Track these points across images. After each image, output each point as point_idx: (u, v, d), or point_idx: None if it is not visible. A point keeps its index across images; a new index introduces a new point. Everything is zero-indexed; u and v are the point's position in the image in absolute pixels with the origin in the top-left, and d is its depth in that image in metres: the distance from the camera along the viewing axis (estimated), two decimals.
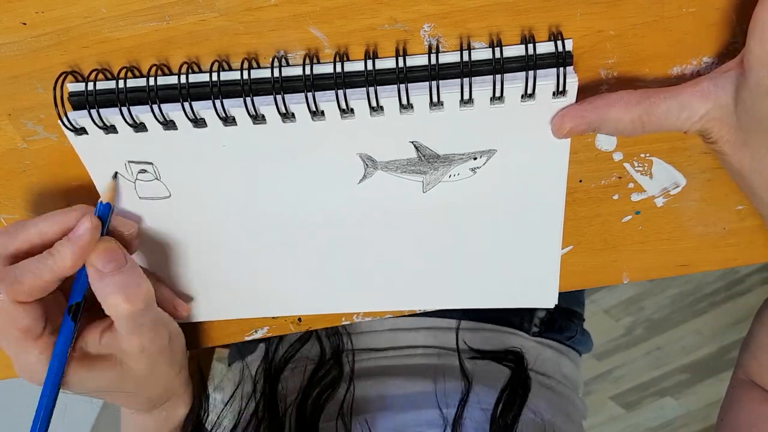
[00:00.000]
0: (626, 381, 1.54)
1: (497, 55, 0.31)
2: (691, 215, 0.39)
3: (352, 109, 0.32)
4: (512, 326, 0.54)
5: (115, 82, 0.33)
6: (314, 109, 0.32)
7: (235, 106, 0.32)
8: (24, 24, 0.32)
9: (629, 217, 0.39)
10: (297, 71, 0.32)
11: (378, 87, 0.32)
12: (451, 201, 0.37)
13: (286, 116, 0.33)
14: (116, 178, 0.36)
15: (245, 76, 0.32)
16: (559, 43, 0.31)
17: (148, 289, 0.35)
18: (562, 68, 0.31)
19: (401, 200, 0.37)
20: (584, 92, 0.33)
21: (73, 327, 0.35)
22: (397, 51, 0.32)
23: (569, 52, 0.31)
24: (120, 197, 0.38)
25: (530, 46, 0.31)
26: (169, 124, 0.33)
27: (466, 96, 0.31)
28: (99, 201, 0.35)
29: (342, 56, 0.32)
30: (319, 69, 0.32)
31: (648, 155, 0.37)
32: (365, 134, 0.34)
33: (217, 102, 0.32)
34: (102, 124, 0.33)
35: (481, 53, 0.32)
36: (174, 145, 0.34)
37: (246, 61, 0.33)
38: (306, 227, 0.39)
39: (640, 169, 0.37)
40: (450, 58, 0.32)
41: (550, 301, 0.42)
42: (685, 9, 0.31)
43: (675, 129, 0.31)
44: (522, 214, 0.37)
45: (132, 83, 0.33)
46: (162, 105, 0.32)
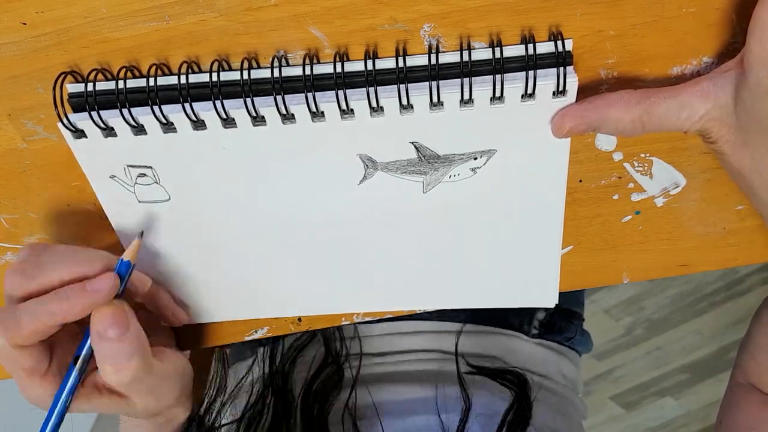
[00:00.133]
0: (626, 381, 1.53)
1: (497, 55, 0.31)
2: (691, 215, 0.39)
3: (352, 110, 0.32)
4: (512, 328, 0.54)
5: (114, 82, 0.33)
6: (314, 109, 0.32)
7: (234, 107, 0.32)
8: (24, 24, 0.32)
9: (629, 217, 0.39)
10: (297, 71, 0.32)
11: (378, 87, 0.32)
12: (452, 201, 0.37)
13: (286, 117, 0.33)
14: (141, 237, 0.36)
15: (245, 77, 0.32)
16: (559, 43, 0.31)
17: (138, 366, 0.33)
18: (562, 68, 0.31)
19: (401, 201, 0.37)
20: (584, 92, 0.33)
21: (77, 379, 0.34)
22: (397, 51, 0.32)
23: (569, 52, 0.31)
24: (119, 204, 0.37)
25: (530, 46, 0.31)
26: (168, 126, 0.33)
27: (466, 96, 0.31)
28: (120, 258, 0.35)
29: (342, 56, 0.32)
30: (319, 69, 0.32)
31: (648, 155, 0.37)
32: (365, 135, 0.34)
33: (218, 103, 0.32)
34: (101, 126, 0.33)
35: (481, 53, 0.32)
36: (173, 147, 0.34)
37: (246, 61, 0.33)
38: (306, 228, 0.38)
39: (640, 169, 0.37)
40: (450, 58, 0.32)
41: (551, 300, 0.42)
42: (685, 9, 0.31)
43: (675, 129, 0.31)
44: (522, 214, 0.37)
45: (132, 84, 0.33)
46: (162, 106, 0.32)
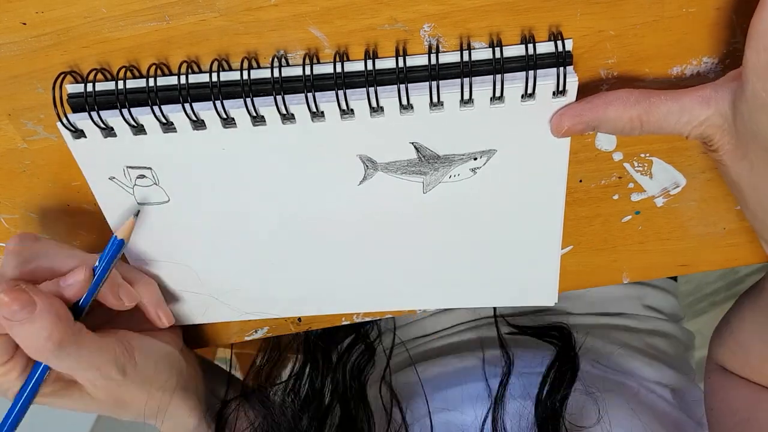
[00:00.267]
0: None
1: (497, 55, 0.31)
2: (691, 215, 0.39)
3: (352, 110, 0.32)
4: None
5: (114, 82, 0.33)
6: (314, 109, 0.32)
7: (234, 107, 0.32)
8: (24, 24, 0.32)
9: (629, 217, 0.39)
10: (297, 71, 0.32)
11: (378, 87, 0.32)
12: (452, 202, 0.37)
13: (286, 117, 0.33)
14: (137, 216, 0.35)
15: (245, 77, 0.32)
16: (559, 43, 0.31)
17: (59, 339, 0.32)
18: (561, 68, 0.31)
19: (402, 201, 0.37)
20: (584, 92, 0.33)
21: (44, 370, 0.35)
22: (397, 51, 0.32)
23: (569, 52, 0.31)
24: (118, 207, 0.37)
25: (530, 46, 0.31)
26: (168, 126, 0.33)
27: (466, 96, 0.31)
28: (114, 236, 0.35)
29: (342, 56, 0.32)
30: (319, 69, 0.32)
31: (648, 155, 0.37)
32: (365, 135, 0.34)
33: (218, 103, 0.32)
34: (101, 126, 0.33)
35: (481, 53, 0.32)
36: (173, 148, 0.34)
37: (246, 60, 0.33)
38: (306, 229, 0.38)
39: (640, 169, 0.37)
40: (450, 58, 0.32)
41: (550, 299, 0.42)
42: (685, 9, 0.31)
43: (675, 133, 0.31)
44: (522, 214, 0.37)
45: (132, 84, 0.33)
46: (162, 106, 0.32)
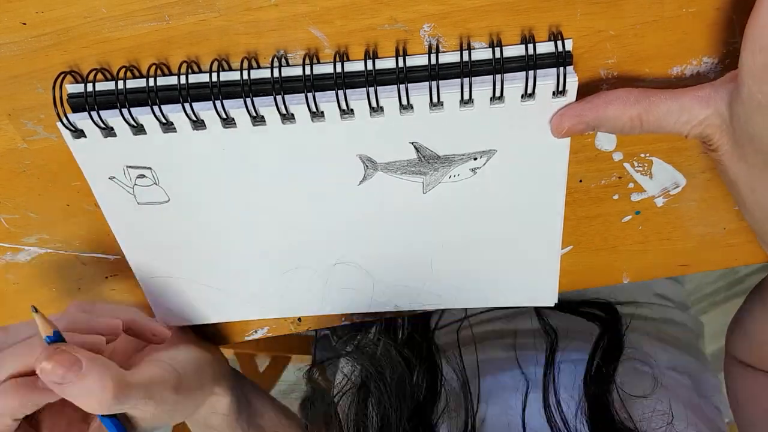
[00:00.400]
0: None
1: (497, 55, 0.31)
2: (691, 215, 0.39)
3: (351, 110, 0.32)
4: None
5: (114, 83, 0.33)
6: (314, 109, 0.32)
7: (234, 107, 0.32)
8: (24, 24, 0.32)
9: (629, 217, 0.39)
10: (297, 71, 0.32)
11: (378, 87, 0.32)
12: (452, 202, 0.37)
13: (286, 117, 0.33)
14: (36, 311, 0.34)
15: (245, 77, 0.32)
16: (559, 43, 0.31)
17: (114, 387, 0.33)
18: (561, 68, 0.31)
19: (402, 201, 0.37)
20: (584, 92, 0.33)
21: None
22: (397, 51, 0.32)
23: (569, 52, 0.31)
24: (119, 207, 0.37)
25: (530, 46, 0.31)
26: (168, 126, 0.33)
27: (466, 96, 0.31)
28: (45, 336, 0.33)
29: (342, 56, 0.32)
30: (319, 69, 0.32)
31: (648, 155, 0.37)
32: (365, 135, 0.34)
33: (217, 103, 0.32)
34: (101, 126, 0.33)
35: (481, 53, 0.32)
36: (173, 148, 0.34)
37: (246, 60, 0.32)
38: (306, 229, 0.38)
39: (640, 169, 0.37)
40: (450, 58, 0.32)
41: (550, 299, 0.42)
42: (685, 9, 0.31)
43: (675, 132, 0.31)
44: (522, 214, 0.37)
45: (132, 84, 0.33)
46: (162, 106, 0.32)
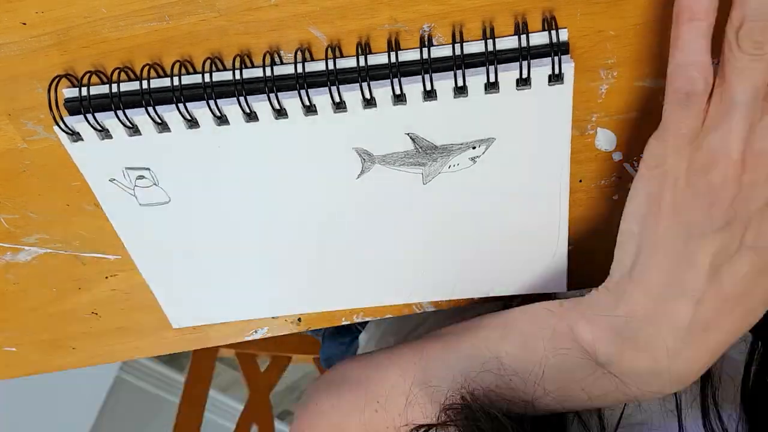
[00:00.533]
0: None
1: (491, 43, 0.31)
2: None
3: (344, 102, 0.32)
4: None
5: (108, 86, 0.33)
6: (307, 103, 0.32)
7: (227, 105, 0.32)
8: (24, 24, 0.32)
9: None
10: (290, 69, 0.32)
11: (371, 82, 0.31)
12: (453, 191, 0.36)
13: (279, 113, 0.33)
14: None
15: (237, 75, 0.32)
16: (554, 32, 0.31)
17: None
18: (557, 56, 0.30)
19: (402, 193, 0.37)
20: (584, 92, 0.33)
21: None
22: (389, 44, 0.32)
23: (565, 41, 0.31)
24: (121, 208, 0.37)
25: (523, 36, 0.31)
26: (163, 126, 0.33)
27: (459, 83, 0.31)
28: None
29: (334, 50, 0.32)
30: (312, 66, 0.32)
31: None
32: (359, 128, 0.33)
33: (211, 101, 0.32)
34: (97, 128, 0.33)
35: (476, 46, 0.31)
36: (169, 148, 0.34)
37: (239, 58, 0.32)
38: (307, 224, 0.38)
39: None
40: (444, 52, 0.32)
41: (560, 285, 0.42)
42: None
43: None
44: (526, 201, 0.37)
45: (127, 87, 0.33)
46: (156, 106, 0.32)
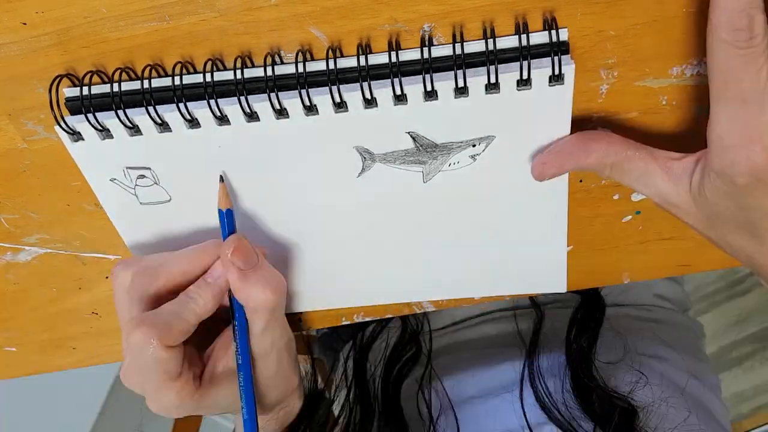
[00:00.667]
0: None
1: (491, 44, 0.31)
2: None
3: (345, 102, 0.32)
4: None
5: (110, 85, 0.33)
6: (308, 103, 0.32)
7: (228, 105, 0.32)
8: (24, 24, 0.32)
9: (629, 217, 0.39)
10: (291, 69, 0.32)
11: (372, 81, 0.31)
12: (454, 190, 0.36)
13: (280, 113, 0.33)
14: (222, 180, 0.36)
15: (239, 75, 0.32)
16: (554, 32, 0.31)
17: (283, 282, 0.36)
18: (557, 56, 0.30)
19: (403, 191, 0.37)
20: (584, 92, 0.33)
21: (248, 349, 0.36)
22: (390, 44, 0.32)
23: (565, 41, 0.31)
24: (122, 208, 0.37)
25: (524, 36, 0.31)
26: (163, 126, 0.33)
27: (460, 83, 0.31)
28: (218, 209, 0.36)
29: (335, 51, 0.32)
30: (313, 66, 0.32)
31: None
32: (360, 127, 0.33)
33: (212, 101, 0.32)
34: (98, 128, 0.33)
35: (476, 45, 0.31)
36: (170, 148, 0.34)
37: (240, 59, 0.32)
38: (307, 224, 0.38)
39: None
40: (445, 51, 0.32)
41: (560, 285, 0.42)
42: (685, 9, 0.31)
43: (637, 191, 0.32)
44: (525, 200, 0.37)
45: (128, 86, 0.33)
46: (157, 107, 0.32)
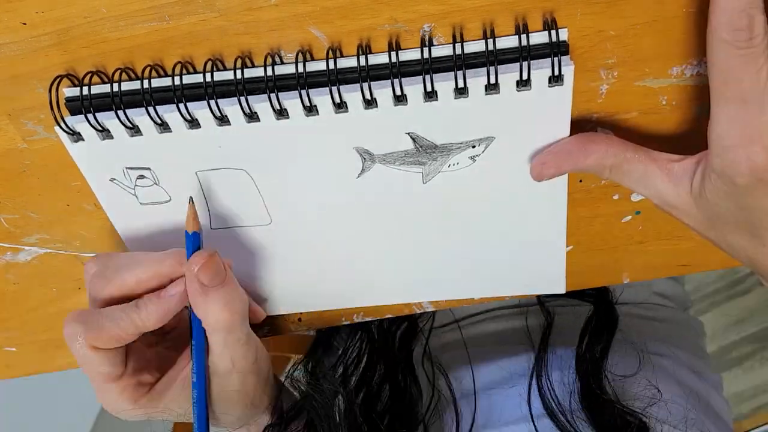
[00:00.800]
0: None
1: (491, 44, 0.31)
2: None
3: (345, 103, 0.32)
4: None
5: (110, 85, 0.33)
6: (308, 104, 0.32)
7: (228, 105, 0.32)
8: (24, 24, 0.32)
9: (629, 217, 0.39)
10: (291, 69, 0.32)
11: (372, 82, 0.31)
12: (453, 190, 0.36)
13: (280, 113, 0.33)
14: (192, 201, 0.36)
15: (239, 75, 0.32)
16: (554, 32, 0.31)
17: (245, 302, 0.35)
18: (556, 57, 0.30)
19: (402, 192, 0.37)
20: (584, 92, 0.33)
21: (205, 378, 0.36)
22: (390, 45, 0.32)
23: (564, 41, 0.31)
24: (122, 208, 0.37)
25: (524, 36, 0.31)
26: (163, 126, 0.33)
27: (460, 84, 0.31)
28: (185, 231, 0.35)
29: (335, 51, 0.32)
30: (313, 66, 0.32)
31: None
32: (360, 128, 0.33)
33: (212, 102, 0.32)
34: (98, 128, 0.33)
35: (476, 46, 0.31)
36: (170, 148, 0.34)
37: (240, 59, 0.32)
38: (307, 224, 0.38)
39: None
40: (445, 51, 0.32)
41: (559, 286, 0.42)
42: (685, 9, 0.31)
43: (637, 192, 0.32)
44: (525, 201, 0.37)
45: (128, 86, 0.33)
46: (157, 107, 0.32)
